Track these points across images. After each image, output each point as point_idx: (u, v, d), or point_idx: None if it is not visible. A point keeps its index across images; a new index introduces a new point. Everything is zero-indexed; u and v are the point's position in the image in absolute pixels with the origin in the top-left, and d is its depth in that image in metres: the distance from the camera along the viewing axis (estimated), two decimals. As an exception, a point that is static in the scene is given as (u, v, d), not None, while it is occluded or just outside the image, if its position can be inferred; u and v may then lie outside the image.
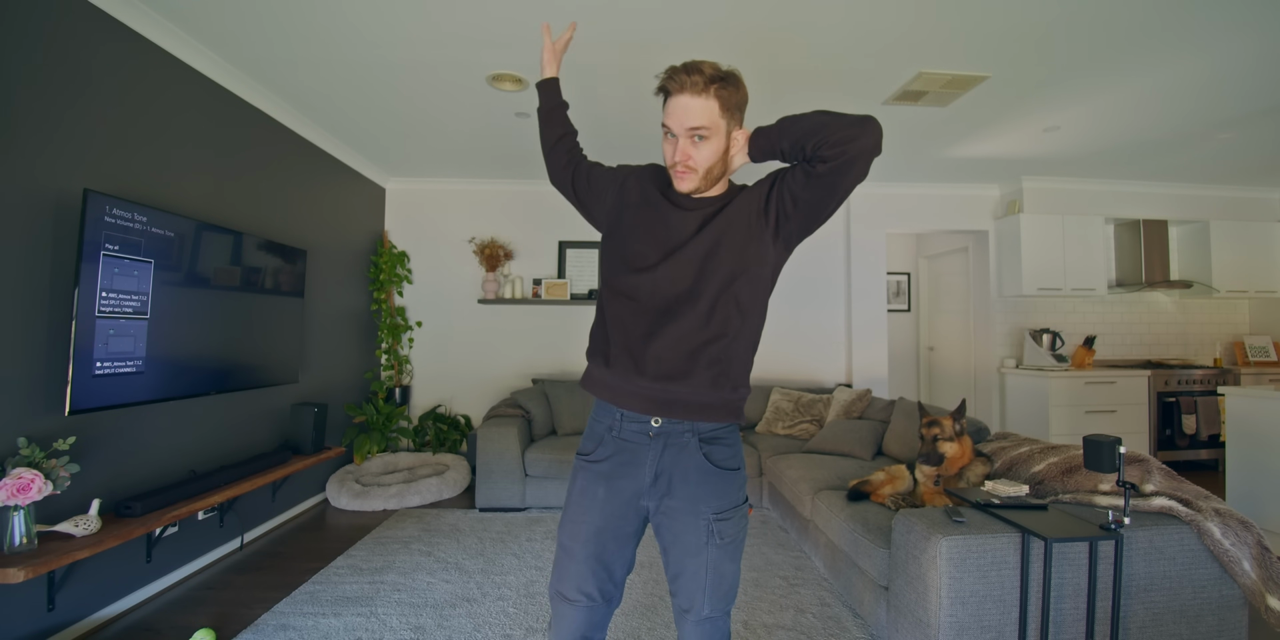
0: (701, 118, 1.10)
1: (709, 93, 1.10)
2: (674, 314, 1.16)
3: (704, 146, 1.12)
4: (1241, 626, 1.74)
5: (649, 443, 1.20)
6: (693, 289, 1.15)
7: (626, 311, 1.19)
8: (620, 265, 1.22)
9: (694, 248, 1.16)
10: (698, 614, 1.19)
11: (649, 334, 1.16)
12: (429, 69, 2.74)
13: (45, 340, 1.97)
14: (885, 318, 4.77)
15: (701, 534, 1.18)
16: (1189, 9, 2.21)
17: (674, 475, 1.19)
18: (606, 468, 1.21)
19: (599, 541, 1.20)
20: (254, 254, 2.85)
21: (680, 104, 1.11)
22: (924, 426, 2.21)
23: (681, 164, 1.13)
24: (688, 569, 1.19)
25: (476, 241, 4.60)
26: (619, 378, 1.19)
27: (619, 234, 1.25)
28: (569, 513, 1.24)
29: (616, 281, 1.22)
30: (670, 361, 1.15)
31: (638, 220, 1.23)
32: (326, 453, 3.28)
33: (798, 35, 2.42)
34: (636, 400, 1.18)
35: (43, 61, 1.94)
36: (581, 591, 1.20)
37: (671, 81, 1.11)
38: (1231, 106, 3.12)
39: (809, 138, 1.08)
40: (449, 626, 2.13)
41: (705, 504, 1.18)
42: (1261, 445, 2.88)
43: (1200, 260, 4.81)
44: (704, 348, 1.15)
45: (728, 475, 1.21)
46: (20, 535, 1.77)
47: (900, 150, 3.93)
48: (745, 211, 1.17)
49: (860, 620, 2.18)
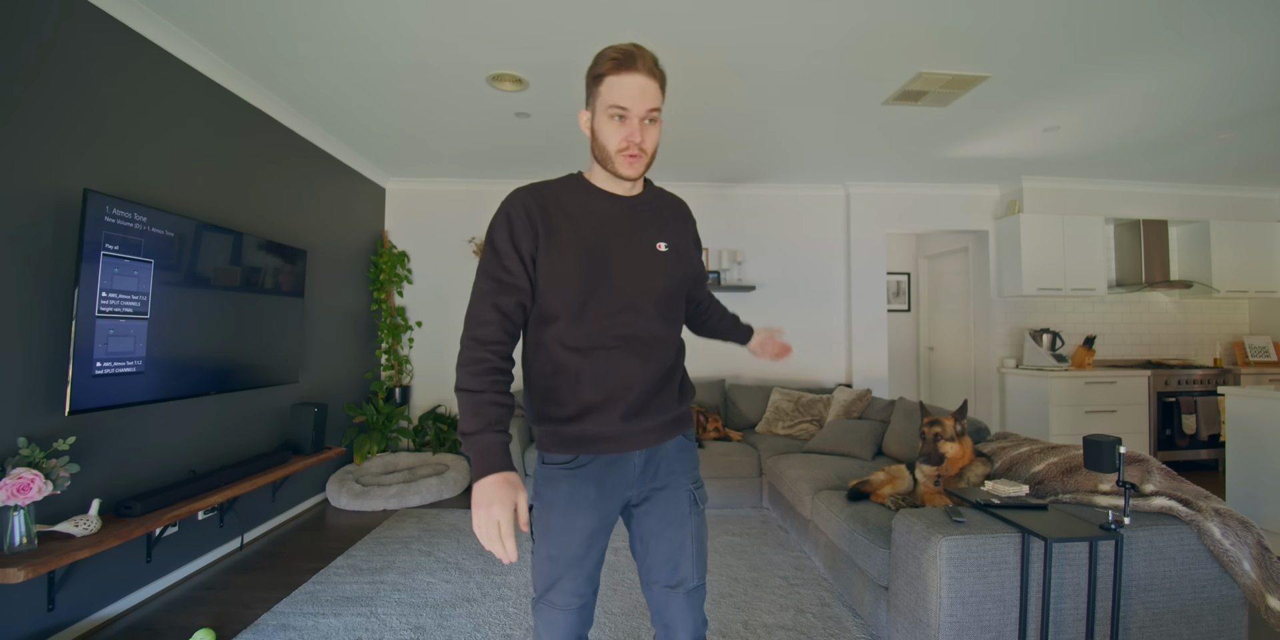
0: (657, 98, 1.09)
1: (656, 74, 1.09)
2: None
3: (653, 129, 1.11)
4: (1241, 626, 1.74)
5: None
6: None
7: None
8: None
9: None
10: (688, 585, 1.22)
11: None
12: (429, 69, 2.74)
13: (45, 340, 1.97)
14: (885, 318, 4.77)
15: (686, 504, 1.23)
16: (1189, 9, 2.21)
17: (661, 457, 1.22)
18: (594, 469, 1.17)
19: (592, 542, 1.17)
20: (254, 254, 2.85)
21: (636, 83, 1.06)
22: (925, 426, 2.21)
23: (636, 147, 1.10)
24: (675, 542, 1.21)
25: (476, 241, 4.60)
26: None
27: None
28: (555, 523, 1.16)
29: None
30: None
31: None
32: (326, 453, 3.28)
33: (797, 35, 2.42)
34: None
35: (43, 61, 1.94)
36: (579, 595, 1.19)
37: (624, 58, 1.06)
38: (1231, 106, 3.12)
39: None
40: (449, 626, 2.13)
41: (686, 476, 1.24)
42: (1261, 445, 2.88)
43: (1200, 260, 4.81)
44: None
45: (693, 446, 1.30)
46: (20, 535, 1.77)
47: (900, 150, 3.93)
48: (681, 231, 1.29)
49: (860, 620, 2.17)
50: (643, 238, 1.19)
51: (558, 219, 1.13)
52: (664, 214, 1.25)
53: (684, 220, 1.30)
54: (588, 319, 1.12)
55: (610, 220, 1.16)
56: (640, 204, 1.21)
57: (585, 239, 1.13)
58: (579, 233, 1.13)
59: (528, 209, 1.12)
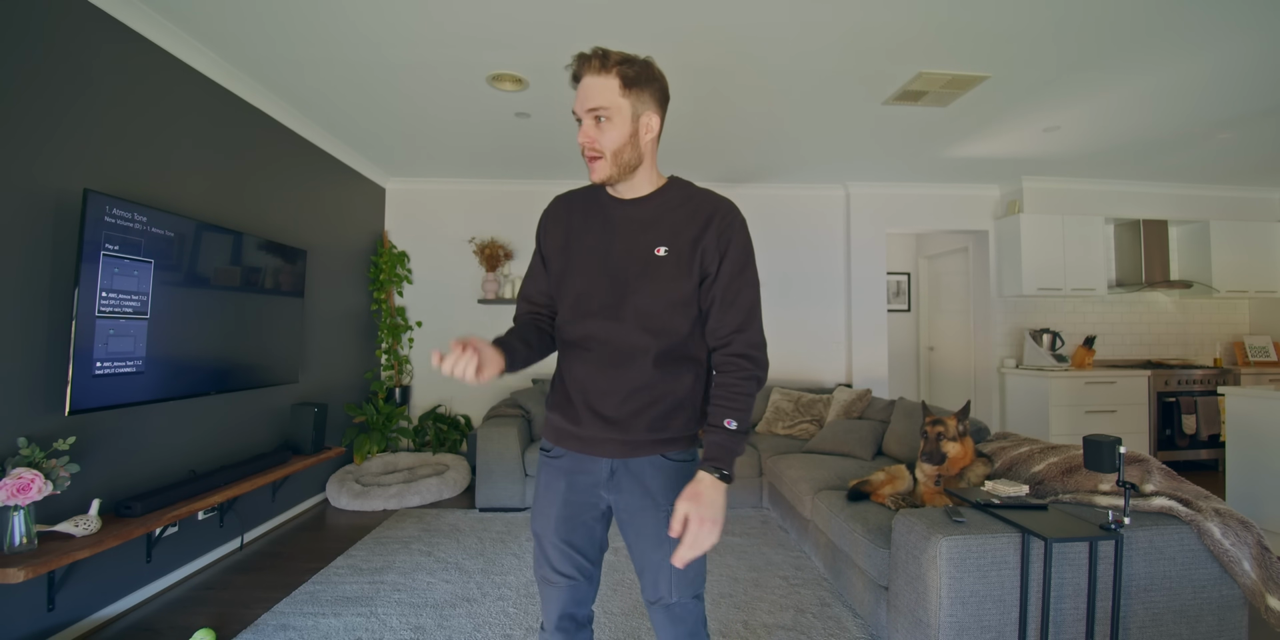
0: (600, 97, 1.08)
1: (610, 72, 1.08)
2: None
3: (608, 128, 1.09)
4: (1241, 626, 1.74)
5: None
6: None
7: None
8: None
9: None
10: (664, 601, 1.21)
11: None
12: (429, 69, 2.73)
13: (45, 340, 1.97)
14: (885, 318, 4.77)
15: (662, 526, 1.16)
16: (1189, 9, 2.21)
17: (629, 471, 1.20)
18: (566, 463, 1.24)
19: (567, 528, 1.23)
20: (254, 254, 2.85)
21: (584, 86, 1.09)
22: (928, 425, 2.21)
23: (588, 147, 1.10)
24: (650, 560, 1.20)
25: (476, 241, 4.60)
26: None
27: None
28: (537, 504, 1.27)
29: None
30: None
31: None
32: (326, 453, 3.28)
33: (797, 34, 2.42)
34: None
35: (43, 61, 1.94)
36: (559, 572, 1.24)
37: (577, 65, 1.09)
38: (1231, 106, 3.12)
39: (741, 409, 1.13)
40: (449, 626, 2.13)
41: (663, 496, 1.18)
42: (1261, 445, 2.88)
43: (1200, 260, 4.81)
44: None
45: (682, 467, 1.21)
46: (20, 535, 1.77)
47: (900, 150, 3.93)
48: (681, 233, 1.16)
49: (860, 620, 2.17)
50: (639, 241, 1.16)
51: (569, 222, 1.24)
52: (677, 217, 1.16)
53: (705, 225, 1.14)
54: (570, 318, 1.21)
55: (607, 223, 1.20)
56: (646, 206, 1.18)
57: (578, 241, 1.21)
58: (573, 235, 1.22)
59: (549, 213, 1.29)
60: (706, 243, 1.14)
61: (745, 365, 1.14)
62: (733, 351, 1.15)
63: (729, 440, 1.10)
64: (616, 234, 1.18)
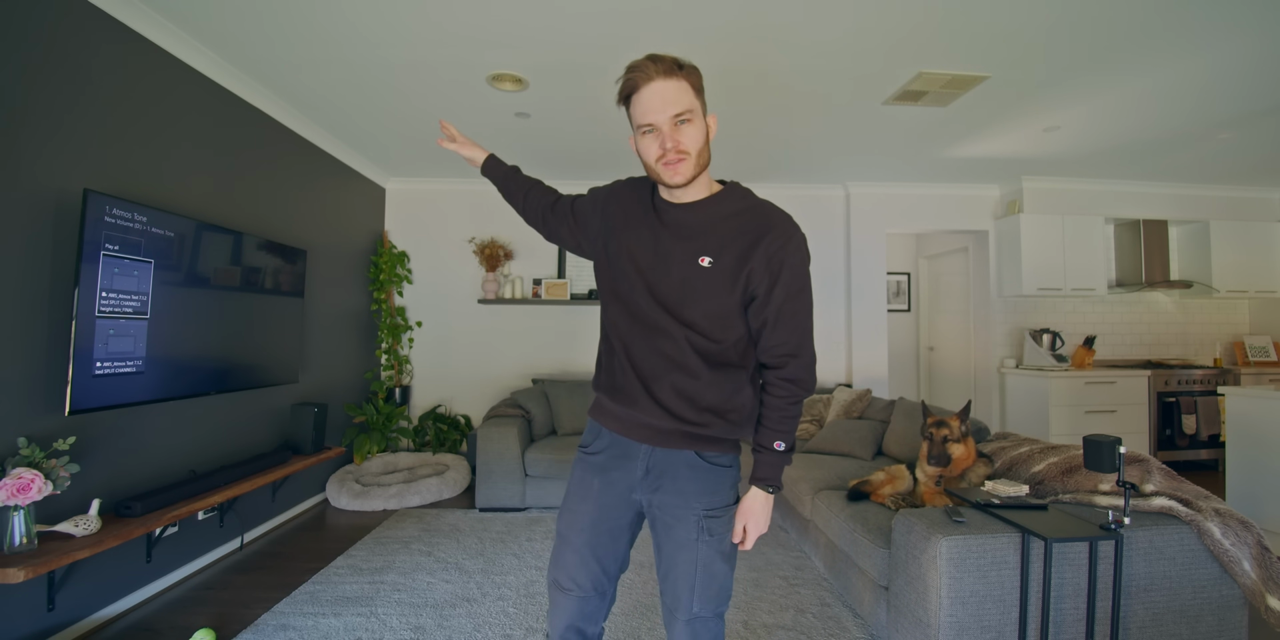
0: (682, 100, 1.05)
1: (682, 74, 1.05)
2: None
3: (688, 129, 1.06)
4: (1241, 626, 1.74)
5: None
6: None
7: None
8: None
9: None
10: (686, 612, 1.18)
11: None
12: (429, 69, 2.73)
13: (45, 340, 1.97)
14: (885, 318, 4.77)
15: (692, 529, 1.17)
16: (1189, 9, 2.21)
17: (664, 470, 1.19)
18: (602, 460, 1.24)
19: (593, 532, 1.22)
20: (254, 254, 2.85)
21: (655, 91, 1.04)
22: (932, 427, 2.20)
23: (673, 150, 1.06)
24: (678, 564, 1.19)
25: (476, 241, 4.60)
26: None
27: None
28: (567, 502, 1.27)
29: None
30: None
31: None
32: (326, 453, 3.28)
33: (797, 34, 2.42)
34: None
35: (43, 61, 1.94)
36: (574, 581, 1.23)
37: (638, 74, 1.05)
38: (1231, 106, 3.12)
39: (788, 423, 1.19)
40: (449, 626, 2.13)
41: (696, 499, 1.18)
42: (1261, 445, 2.88)
43: (1200, 260, 4.81)
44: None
45: (718, 471, 1.20)
46: (20, 535, 1.77)
47: (900, 150, 3.93)
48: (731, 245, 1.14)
49: (860, 620, 2.17)
50: (685, 248, 1.13)
51: (610, 210, 1.25)
52: (728, 227, 1.13)
53: (755, 242, 1.10)
54: (610, 309, 1.24)
55: (651, 224, 1.18)
56: (696, 212, 1.15)
57: (616, 234, 1.22)
58: (612, 227, 1.24)
59: (603, 193, 1.30)
60: (755, 263, 1.10)
61: (795, 390, 1.17)
62: (785, 376, 1.17)
63: (779, 459, 1.19)
64: (664, 237, 1.16)
